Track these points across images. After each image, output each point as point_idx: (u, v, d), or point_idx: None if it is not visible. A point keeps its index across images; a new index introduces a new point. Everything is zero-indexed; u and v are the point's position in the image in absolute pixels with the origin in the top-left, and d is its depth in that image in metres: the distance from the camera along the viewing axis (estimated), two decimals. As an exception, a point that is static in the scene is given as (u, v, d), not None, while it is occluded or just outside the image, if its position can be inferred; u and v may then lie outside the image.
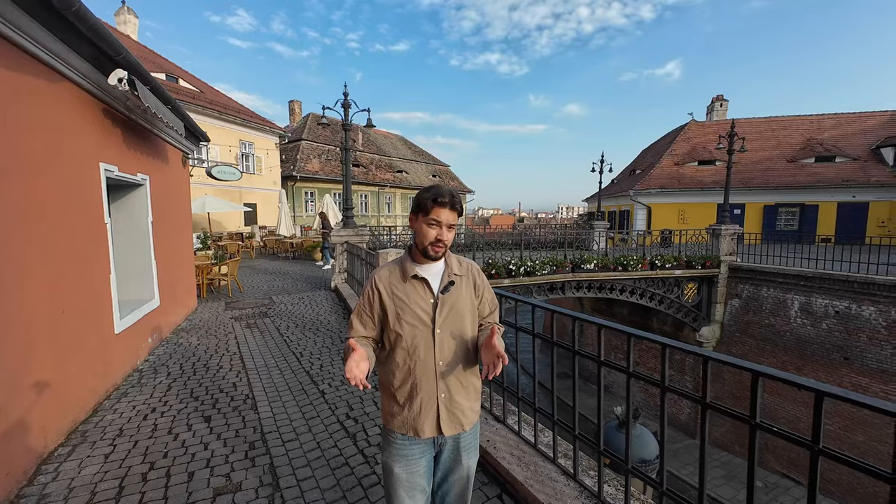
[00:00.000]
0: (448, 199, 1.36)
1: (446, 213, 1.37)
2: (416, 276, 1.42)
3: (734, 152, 11.85)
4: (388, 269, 1.47)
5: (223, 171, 14.36)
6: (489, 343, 1.35)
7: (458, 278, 1.47)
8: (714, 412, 1.50)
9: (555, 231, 19.78)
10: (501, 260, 9.76)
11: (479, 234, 16.89)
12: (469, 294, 1.49)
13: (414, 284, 1.43)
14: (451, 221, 1.38)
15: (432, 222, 1.37)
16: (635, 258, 10.91)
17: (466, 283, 1.49)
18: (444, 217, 1.36)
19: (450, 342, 1.43)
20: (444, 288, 1.43)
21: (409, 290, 1.42)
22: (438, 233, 1.37)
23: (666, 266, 11.19)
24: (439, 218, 1.36)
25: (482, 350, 1.40)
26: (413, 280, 1.43)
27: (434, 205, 1.35)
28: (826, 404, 1.22)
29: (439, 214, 1.36)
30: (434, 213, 1.36)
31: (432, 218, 1.36)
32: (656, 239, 13.75)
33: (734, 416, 1.44)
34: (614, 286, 11.17)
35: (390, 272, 1.45)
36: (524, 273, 9.63)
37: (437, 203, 1.35)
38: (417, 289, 1.43)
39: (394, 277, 1.44)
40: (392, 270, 1.46)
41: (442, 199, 1.35)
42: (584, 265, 10.42)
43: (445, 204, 1.36)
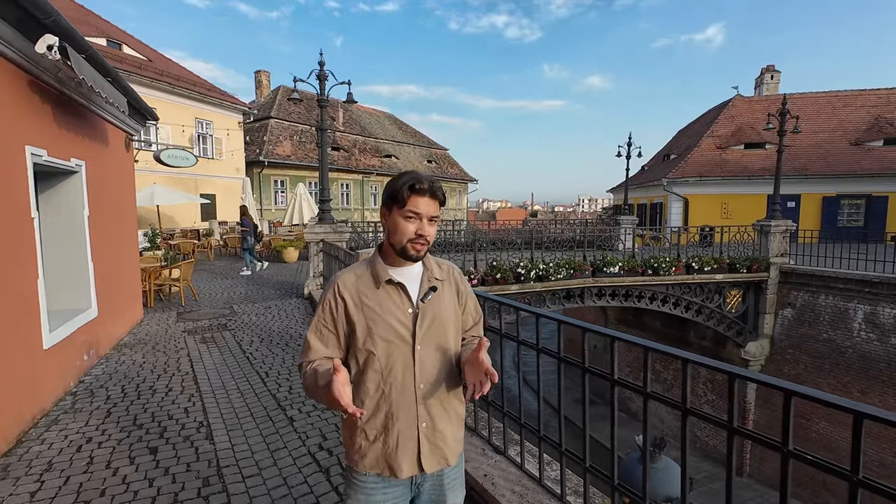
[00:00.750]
0: (427, 185, 1.33)
1: (426, 203, 1.34)
2: (392, 281, 1.39)
3: (786, 133, 11.94)
4: (353, 274, 1.42)
5: (175, 156, 14.38)
6: (476, 358, 1.33)
7: (440, 283, 1.44)
8: (752, 441, 1.54)
9: (573, 227, 19.87)
10: (508, 262, 9.81)
11: (481, 231, 16.97)
12: (452, 302, 1.48)
13: (388, 291, 1.39)
14: (432, 213, 1.35)
15: (410, 215, 1.33)
16: (668, 260, 10.98)
17: (449, 290, 1.48)
18: (424, 208, 1.34)
19: (432, 360, 1.41)
20: (424, 295, 1.40)
21: (383, 298, 1.38)
22: (419, 227, 1.34)
23: (705, 269, 11.26)
24: (418, 209, 1.33)
25: (466, 367, 1.38)
26: (387, 286, 1.39)
27: (411, 193, 1.32)
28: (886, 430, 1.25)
29: (418, 205, 1.33)
30: (412, 203, 1.33)
31: (410, 210, 1.33)
32: (694, 237, 13.81)
33: (764, 443, 1.48)
34: (643, 293, 11.23)
35: (357, 277, 1.41)
36: (536, 278, 9.68)
37: (415, 191, 1.32)
38: (393, 296, 1.39)
39: (362, 283, 1.40)
40: (360, 275, 1.42)
41: (420, 186, 1.32)
42: (607, 268, 10.47)
43: (424, 192, 1.33)
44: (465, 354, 1.46)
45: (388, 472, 1.39)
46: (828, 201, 20.17)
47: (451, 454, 1.46)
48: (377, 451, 1.39)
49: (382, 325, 1.37)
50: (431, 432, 1.42)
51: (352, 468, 1.44)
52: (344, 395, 1.18)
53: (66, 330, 4.53)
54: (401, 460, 1.38)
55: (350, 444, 1.44)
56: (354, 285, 1.40)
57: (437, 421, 1.43)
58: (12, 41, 3.46)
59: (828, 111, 22.51)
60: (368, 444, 1.39)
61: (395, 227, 1.36)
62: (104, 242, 5.72)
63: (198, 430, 3.68)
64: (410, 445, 1.39)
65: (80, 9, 18.88)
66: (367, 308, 1.37)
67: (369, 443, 1.39)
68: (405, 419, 1.39)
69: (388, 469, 1.39)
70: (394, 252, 1.39)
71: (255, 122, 25.19)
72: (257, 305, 8.44)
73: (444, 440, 1.44)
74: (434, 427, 1.42)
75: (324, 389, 1.24)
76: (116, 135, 6.48)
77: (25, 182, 3.84)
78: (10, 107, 3.69)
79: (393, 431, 1.38)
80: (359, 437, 1.40)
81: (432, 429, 1.42)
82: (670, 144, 28.47)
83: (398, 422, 1.38)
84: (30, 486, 2.90)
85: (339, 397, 1.17)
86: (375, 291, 1.39)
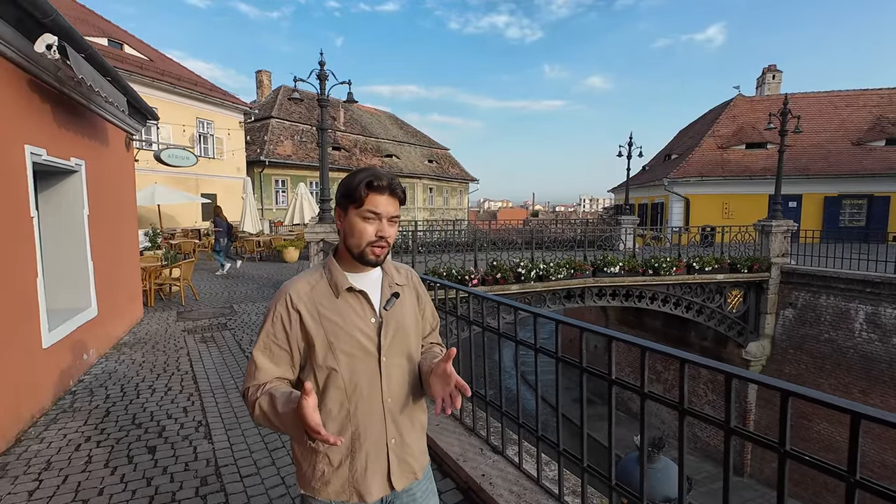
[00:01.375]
0: (386, 182, 1.24)
1: (385, 202, 1.24)
2: (352, 290, 1.28)
3: (787, 133, 11.91)
4: (306, 283, 1.29)
5: (176, 156, 14.40)
6: (444, 370, 1.24)
7: (401, 289, 1.37)
8: (749, 441, 1.53)
9: (574, 227, 19.86)
10: (509, 262, 9.80)
11: (482, 231, 16.97)
12: (413, 308, 1.41)
13: (348, 300, 1.28)
14: (392, 212, 1.26)
15: (369, 215, 1.23)
16: (669, 260, 10.97)
17: (410, 295, 1.41)
18: (384, 207, 1.23)
19: (398, 372, 1.33)
20: (387, 302, 1.32)
21: (343, 308, 1.27)
22: (379, 228, 1.24)
23: (706, 269, 11.24)
24: (377, 209, 1.23)
25: (433, 379, 1.28)
26: (347, 295, 1.28)
27: (369, 191, 1.22)
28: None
29: (377, 204, 1.23)
30: (370, 202, 1.22)
31: (368, 209, 1.22)
32: (695, 237, 13.80)
33: (761, 444, 1.48)
34: (643, 293, 11.22)
35: (311, 286, 1.28)
36: (536, 278, 9.68)
37: (373, 189, 1.22)
38: (354, 306, 1.29)
39: (318, 293, 1.27)
40: (314, 284, 1.29)
41: (378, 184, 1.22)
42: (608, 268, 10.46)
43: (384, 189, 1.23)
44: (426, 364, 1.37)
45: (357, 498, 1.28)
46: (829, 201, 20.13)
47: (418, 467, 1.39)
48: (342, 476, 1.27)
49: (345, 337, 1.25)
50: (400, 448, 1.34)
51: (311, 497, 1.30)
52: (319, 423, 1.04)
53: (66, 329, 4.53)
54: (370, 483, 1.29)
55: (308, 470, 1.29)
56: (309, 295, 1.27)
57: (405, 435, 1.35)
58: (11, 40, 3.46)
59: (829, 111, 22.47)
60: (332, 470, 1.27)
61: (353, 229, 1.25)
62: (104, 242, 5.73)
63: (196, 429, 3.68)
64: (379, 465, 1.30)
65: (81, 8, 18.92)
66: (326, 320, 1.25)
67: (333, 468, 1.27)
68: (373, 438, 1.29)
69: (357, 494, 1.28)
70: (351, 257, 1.28)
71: (256, 121, 25.22)
72: (257, 305, 8.45)
73: (412, 454, 1.37)
74: (403, 442, 1.34)
75: (288, 417, 1.12)
76: (116, 134, 6.49)
77: (25, 181, 3.85)
78: (10, 106, 3.69)
79: (360, 453, 1.28)
80: (320, 462, 1.27)
81: (401, 444, 1.34)
82: (671, 144, 28.44)
83: (366, 441, 1.28)
84: (28, 484, 2.91)
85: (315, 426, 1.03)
86: (334, 301, 1.27)
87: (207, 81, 21.70)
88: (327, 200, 8.87)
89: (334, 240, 8.29)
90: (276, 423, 1.17)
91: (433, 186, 35.21)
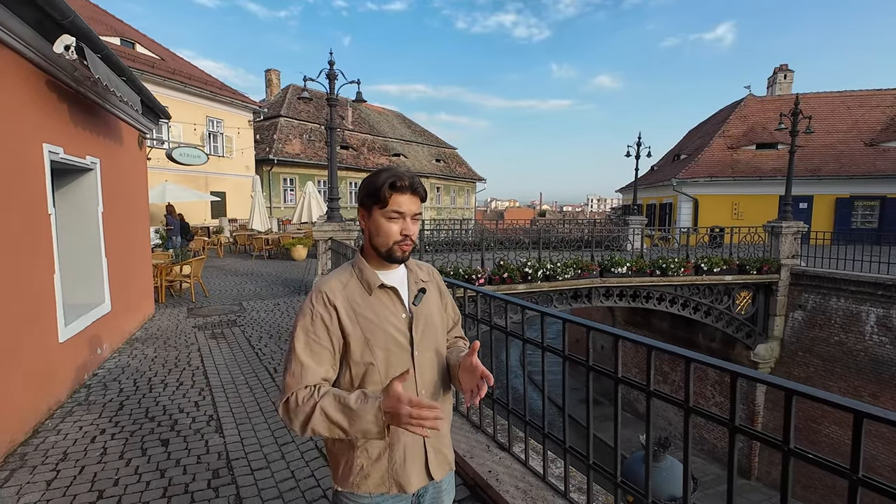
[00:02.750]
0: (409, 182, 1.28)
1: (408, 201, 1.28)
2: (384, 287, 1.32)
3: (798, 134, 11.80)
4: (338, 281, 1.32)
5: (187, 154, 14.57)
6: (470, 364, 1.29)
7: (426, 284, 1.42)
8: (753, 439, 1.55)
9: (581, 227, 19.81)
10: (516, 261, 9.82)
11: (489, 230, 16.98)
12: (437, 303, 1.46)
13: (380, 297, 1.32)
14: (414, 211, 1.30)
15: (393, 215, 1.27)
16: (677, 260, 10.92)
17: (433, 291, 1.46)
18: (407, 206, 1.28)
19: (429, 365, 1.38)
20: (415, 298, 1.37)
21: (376, 305, 1.31)
22: (403, 226, 1.28)
23: (714, 270, 11.18)
24: (401, 208, 1.27)
25: (461, 372, 1.34)
26: (379, 291, 1.32)
27: (392, 191, 1.26)
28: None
29: (400, 204, 1.27)
30: (393, 202, 1.26)
31: (393, 210, 1.27)
32: (703, 238, 13.72)
33: (767, 442, 1.49)
34: (651, 294, 11.18)
35: (344, 285, 1.31)
36: (543, 277, 9.68)
37: (396, 189, 1.26)
38: (385, 302, 1.32)
39: (351, 291, 1.30)
40: (345, 282, 1.32)
41: (400, 184, 1.26)
42: (615, 268, 10.44)
43: (406, 189, 1.27)
44: (453, 358, 1.43)
45: (396, 489, 1.32)
46: (841, 203, 19.88)
47: (451, 457, 1.44)
48: (382, 468, 1.30)
49: (380, 333, 1.29)
50: (436, 438, 1.38)
51: (350, 493, 1.32)
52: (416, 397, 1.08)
53: (81, 324, 4.62)
54: (409, 473, 1.32)
55: (345, 467, 1.31)
56: (343, 293, 1.29)
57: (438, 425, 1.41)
58: (31, 42, 3.55)
59: (842, 111, 22.18)
60: (371, 463, 1.29)
61: (379, 229, 1.29)
62: (118, 239, 5.83)
63: (208, 423, 3.75)
64: (417, 456, 1.34)
65: (94, 8, 19.16)
66: (361, 317, 1.28)
67: (372, 461, 1.29)
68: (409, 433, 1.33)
69: (397, 486, 1.31)
70: (378, 255, 1.33)
71: (265, 120, 25.40)
72: (266, 302, 8.54)
73: (446, 444, 1.43)
74: (437, 433, 1.36)
75: (366, 411, 1.11)
76: (130, 133, 6.59)
77: (43, 179, 3.94)
78: (29, 105, 3.78)
79: (399, 445, 1.31)
80: (359, 458, 1.29)
81: (436, 435, 1.36)
82: (681, 144, 28.23)
83: (404, 434, 1.29)
84: (46, 474, 2.99)
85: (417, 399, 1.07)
86: (367, 298, 1.31)
87: (217, 80, 21.89)
88: (335, 199, 8.94)
89: (343, 238, 8.36)
90: (344, 423, 1.13)
91: (441, 186, 35.25)
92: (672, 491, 2.76)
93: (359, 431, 1.14)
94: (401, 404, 1.07)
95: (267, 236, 15.92)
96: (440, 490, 1.44)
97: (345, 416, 1.13)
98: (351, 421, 1.13)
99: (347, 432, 1.15)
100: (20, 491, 2.81)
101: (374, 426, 1.12)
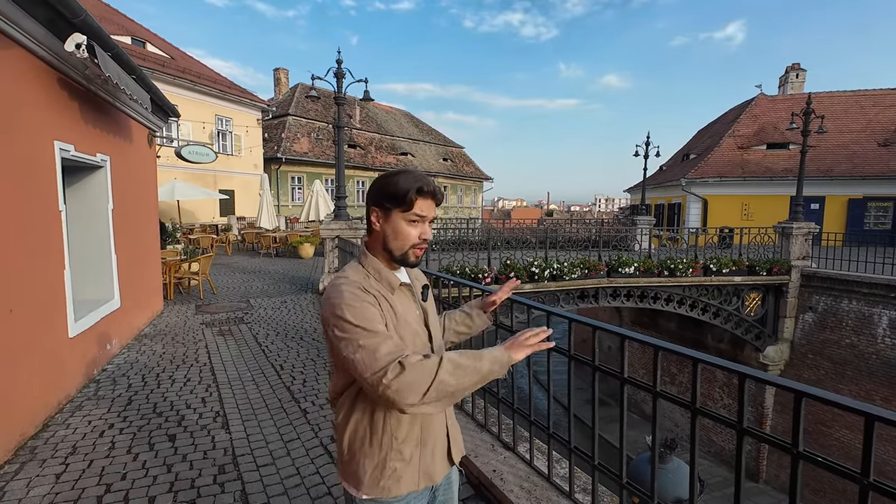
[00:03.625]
0: (433, 187, 1.29)
1: (430, 206, 1.29)
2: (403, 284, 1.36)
3: (810, 133, 11.65)
4: (358, 278, 1.28)
5: (196, 152, 14.69)
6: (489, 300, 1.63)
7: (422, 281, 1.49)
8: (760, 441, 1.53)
9: (588, 227, 19.70)
10: (522, 261, 9.79)
11: (496, 230, 16.94)
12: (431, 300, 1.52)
13: (400, 295, 1.35)
14: (433, 215, 1.32)
15: (415, 219, 1.27)
16: (685, 261, 10.83)
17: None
18: (428, 210, 1.29)
19: None
20: (422, 295, 1.42)
21: (397, 303, 1.32)
22: (422, 231, 1.30)
23: (723, 271, 11.07)
24: (423, 212, 1.27)
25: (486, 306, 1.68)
26: (399, 290, 1.34)
27: (419, 196, 1.25)
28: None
29: (423, 208, 1.27)
30: (418, 206, 1.26)
31: (416, 213, 1.26)
32: (712, 238, 13.59)
33: (775, 444, 1.47)
34: (658, 295, 11.10)
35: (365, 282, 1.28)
36: (550, 277, 9.64)
37: (423, 194, 1.26)
38: (406, 300, 1.36)
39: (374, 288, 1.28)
40: (364, 280, 1.28)
41: (427, 189, 1.26)
42: (623, 269, 10.38)
43: (431, 194, 1.28)
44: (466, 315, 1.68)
45: (425, 482, 1.33)
46: (853, 203, 19.60)
47: (462, 444, 1.52)
48: (414, 467, 1.30)
49: (406, 328, 1.30)
50: (453, 426, 1.45)
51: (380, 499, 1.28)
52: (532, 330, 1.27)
53: (91, 320, 4.68)
54: (437, 464, 1.36)
55: (374, 472, 1.26)
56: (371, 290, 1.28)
57: (451, 416, 1.47)
58: (43, 40, 3.59)
59: (855, 110, 21.86)
60: (405, 465, 1.28)
61: (397, 233, 1.28)
62: (127, 235, 5.89)
63: (214, 419, 3.78)
64: (441, 446, 1.39)
65: (106, 8, 19.37)
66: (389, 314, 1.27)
67: (406, 462, 1.28)
68: (437, 423, 1.37)
69: (426, 478, 1.33)
70: (390, 257, 1.31)
71: (273, 119, 25.54)
72: (273, 300, 8.59)
73: (458, 430, 1.50)
74: (452, 422, 1.46)
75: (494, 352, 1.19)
76: (140, 131, 6.65)
77: (54, 176, 3.98)
78: (41, 103, 3.83)
79: (429, 441, 1.33)
80: (392, 461, 1.26)
81: (452, 424, 1.46)
82: (690, 144, 27.98)
83: (433, 426, 1.35)
84: (55, 468, 3.02)
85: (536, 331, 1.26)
86: (392, 296, 1.31)
87: (226, 79, 22.05)
88: (343, 198, 8.96)
89: (349, 237, 8.39)
90: (474, 364, 1.13)
91: (448, 185, 35.25)
92: (678, 493, 2.74)
93: (494, 363, 1.16)
94: (519, 336, 1.24)
95: (275, 234, 16.00)
96: (451, 479, 1.49)
97: (472, 358, 1.14)
98: (479, 359, 1.15)
99: (479, 371, 1.14)
100: (30, 483, 2.84)
101: (503, 355, 1.19)
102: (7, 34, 3.25)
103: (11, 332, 3.29)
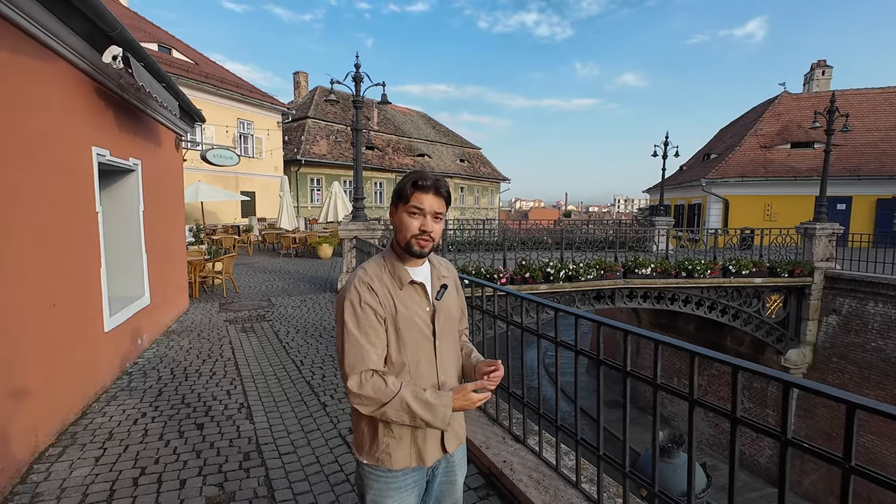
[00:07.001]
0: (431, 182, 1.38)
1: (430, 200, 1.38)
2: (413, 282, 1.44)
3: (834, 132, 11.41)
4: (374, 272, 1.43)
5: (220, 156, 15.13)
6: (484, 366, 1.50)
7: (447, 280, 1.54)
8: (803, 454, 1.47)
9: (605, 228, 19.57)
10: (538, 261, 9.85)
11: (511, 230, 16.98)
12: (454, 298, 1.59)
13: (409, 291, 1.44)
14: (436, 209, 1.39)
15: (414, 210, 1.38)
16: (704, 262, 10.73)
17: (451, 287, 1.58)
18: (428, 204, 1.38)
19: (447, 352, 1.52)
20: (438, 293, 1.49)
21: (406, 298, 1.43)
22: (422, 223, 1.38)
23: (743, 273, 10.93)
24: (421, 205, 1.37)
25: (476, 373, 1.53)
26: (409, 286, 1.44)
27: (414, 189, 1.37)
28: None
29: (421, 200, 1.37)
30: (415, 199, 1.37)
31: (413, 206, 1.37)
32: (732, 239, 13.39)
33: (825, 458, 1.42)
34: (676, 296, 11.01)
35: (378, 278, 1.42)
36: (565, 278, 9.68)
37: (418, 187, 1.37)
38: (414, 296, 1.45)
39: (384, 284, 1.42)
40: (379, 276, 1.42)
41: (423, 183, 1.37)
42: (639, 270, 10.33)
43: (428, 188, 1.37)
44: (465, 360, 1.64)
45: (416, 462, 1.46)
46: (882, 204, 19.02)
47: (463, 434, 1.61)
48: (406, 446, 1.44)
49: (411, 325, 1.42)
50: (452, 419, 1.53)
51: (375, 466, 1.45)
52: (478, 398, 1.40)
53: (124, 315, 4.94)
54: (429, 447, 1.47)
55: (371, 444, 1.45)
56: (380, 284, 1.41)
57: None
58: (84, 53, 3.84)
59: (884, 108, 21.21)
60: (397, 443, 1.43)
61: (401, 224, 1.41)
62: (156, 236, 6.17)
63: (239, 410, 3.97)
64: (435, 434, 1.48)
65: (133, 15, 20.06)
66: (394, 308, 1.41)
67: (397, 441, 1.43)
68: None
69: (419, 458, 1.46)
70: (401, 250, 1.44)
71: (293, 121, 26.03)
72: (293, 298, 8.83)
73: (459, 423, 1.59)
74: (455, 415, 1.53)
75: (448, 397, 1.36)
76: (168, 135, 6.95)
77: (92, 179, 4.24)
78: (81, 111, 4.09)
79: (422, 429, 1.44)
80: (384, 437, 1.42)
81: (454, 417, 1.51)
82: (711, 143, 27.51)
83: None
84: (94, 451, 3.25)
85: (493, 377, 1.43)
86: (398, 292, 1.42)
87: (248, 83, 22.57)
88: (361, 199, 9.16)
89: (367, 237, 8.57)
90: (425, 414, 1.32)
91: (465, 186, 35.35)
92: (684, 487, 2.81)
93: (436, 419, 1.33)
94: (467, 392, 1.38)
95: (294, 235, 16.35)
96: (453, 464, 1.58)
97: (425, 408, 1.32)
98: (429, 410, 1.32)
99: (425, 420, 1.33)
100: (72, 465, 3.07)
101: (447, 414, 1.34)
102: (52, 49, 3.49)
103: (54, 325, 3.54)
